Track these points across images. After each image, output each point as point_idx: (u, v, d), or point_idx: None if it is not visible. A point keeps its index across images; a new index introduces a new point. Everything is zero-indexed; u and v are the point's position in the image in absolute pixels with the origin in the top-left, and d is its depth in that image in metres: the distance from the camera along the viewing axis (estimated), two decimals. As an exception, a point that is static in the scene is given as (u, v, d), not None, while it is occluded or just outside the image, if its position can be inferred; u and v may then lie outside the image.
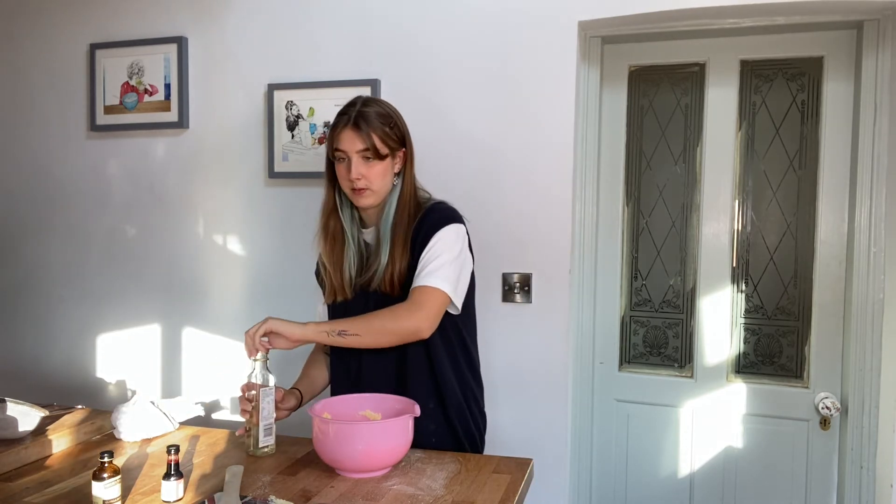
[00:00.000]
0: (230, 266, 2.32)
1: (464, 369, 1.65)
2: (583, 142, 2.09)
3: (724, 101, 2.07)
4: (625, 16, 1.93)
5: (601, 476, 2.22)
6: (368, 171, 1.56)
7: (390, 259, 1.57)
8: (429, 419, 1.56)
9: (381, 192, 1.60)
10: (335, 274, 1.65)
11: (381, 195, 1.60)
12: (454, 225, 1.59)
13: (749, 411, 2.09)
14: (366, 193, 1.58)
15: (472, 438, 1.65)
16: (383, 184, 1.59)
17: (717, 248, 2.10)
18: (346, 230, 1.65)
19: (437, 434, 1.60)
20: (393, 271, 1.57)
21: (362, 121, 1.55)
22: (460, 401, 1.62)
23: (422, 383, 1.59)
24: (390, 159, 1.59)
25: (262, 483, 1.37)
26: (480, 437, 1.70)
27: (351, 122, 1.55)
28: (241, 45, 2.27)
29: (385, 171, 1.58)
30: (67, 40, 2.45)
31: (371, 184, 1.57)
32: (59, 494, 1.34)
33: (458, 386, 1.63)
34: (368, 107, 1.58)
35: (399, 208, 1.60)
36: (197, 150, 2.34)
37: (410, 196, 1.62)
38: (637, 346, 2.20)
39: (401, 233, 1.58)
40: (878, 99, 1.88)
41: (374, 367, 1.61)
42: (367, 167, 1.56)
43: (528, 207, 2.02)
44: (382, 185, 1.59)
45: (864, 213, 1.91)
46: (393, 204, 1.60)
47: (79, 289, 2.49)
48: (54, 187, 2.50)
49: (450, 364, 1.61)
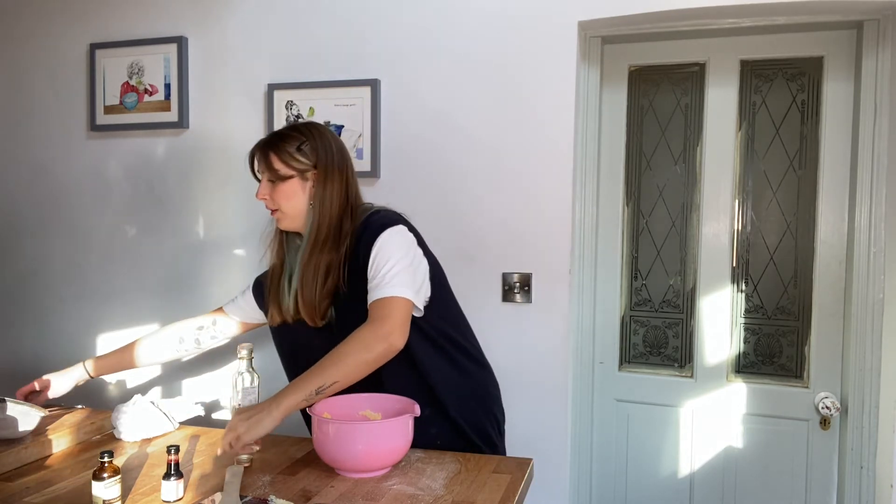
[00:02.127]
0: (230, 266, 2.32)
1: (460, 364, 1.59)
2: (583, 142, 2.09)
3: (724, 101, 2.07)
4: (625, 16, 1.93)
5: (601, 476, 2.22)
6: (272, 192, 1.55)
7: (299, 286, 1.51)
8: (429, 423, 1.53)
9: (293, 214, 1.56)
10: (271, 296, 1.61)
11: (297, 217, 1.56)
12: (392, 228, 1.51)
13: (749, 411, 2.09)
14: (277, 215, 1.58)
15: (483, 433, 1.60)
16: (292, 205, 1.55)
17: (717, 248, 2.10)
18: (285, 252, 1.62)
19: (441, 437, 1.56)
20: (302, 302, 1.51)
21: (266, 143, 1.57)
22: (462, 397, 1.58)
23: (410, 392, 1.50)
24: (298, 181, 1.54)
25: (262, 483, 1.37)
26: (498, 429, 1.65)
27: (258, 143, 1.58)
28: (241, 45, 2.27)
29: (291, 194, 1.54)
30: (67, 40, 2.46)
31: (279, 205, 1.55)
32: (59, 494, 1.34)
33: (455, 383, 1.58)
34: (283, 129, 1.59)
35: (310, 232, 1.53)
36: (197, 150, 2.34)
37: (330, 220, 1.53)
38: (637, 345, 2.20)
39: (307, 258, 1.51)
40: (878, 99, 1.88)
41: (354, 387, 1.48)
42: (270, 189, 1.55)
43: (528, 207, 2.02)
44: (291, 206, 1.55)
45: (864, 213, 1.91)
46: (308, 229, 1.54)
47: (79, 288, 2.49)
48: (54, 187, 2.51)
49: (438, 364, 1.56)
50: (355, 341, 1.40)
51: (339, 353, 1.39)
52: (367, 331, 1.40)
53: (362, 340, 1.39)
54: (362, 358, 1.38)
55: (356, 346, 1.39)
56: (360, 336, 1.40)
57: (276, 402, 1.35)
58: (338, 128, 2.16)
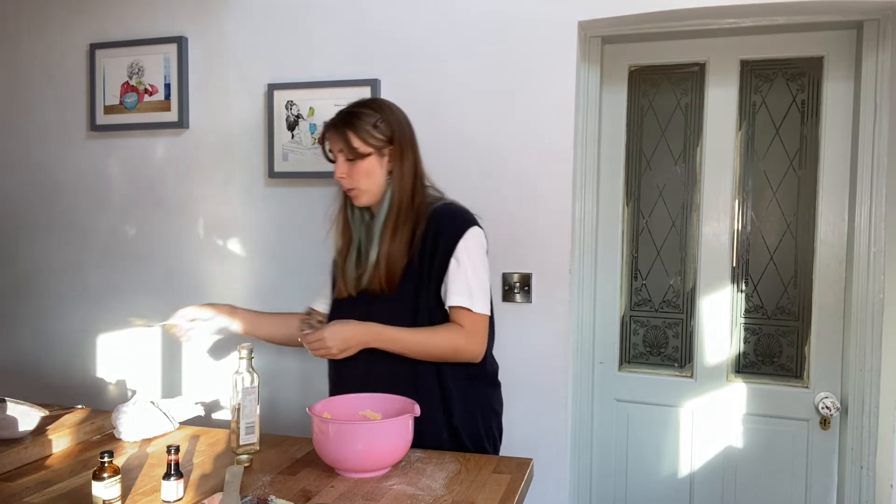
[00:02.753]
0: (230, 266, 2.32)
1: (478, 379, 1.64)
2: (583, 142, 2.09)
3: (724, 101, 2.07)
4: (625, 16, 1.93)
5: (601, 476, 2.22)
6: (351, 170, 1.57)
7: (379, 258, 1.57)
8: (433, 426, 1.56)
9: (372, 191, 1.59)
10: (340, 271, 1.66)
11: (375, 193, 1.59)
12: (473, 230, 1.60)
13: (749, 411, 2.09)
14: (355, 193, 1.59)
15: (479, 446, 1.63)
16: (371, 182, 1.58)
17: (717, 248, 2.10)
18: (353, 229, 1.66)
19: (441, 440, 1.58)
20: (383, 270, 1.56)
21: (341, 121, 1.57)
22: (469, 410, 1.61)
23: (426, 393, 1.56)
24: (376, 157, 1.57)
25: (262, 483, 1.37)
26: (494, 445, 1.68)
27: (332, 122, 1.58)
28: (241, 45, 2.27)
29: (370, 171, 1.57)
30: (67, 40, 2.45)
31: (357, 183, 1.57)
32: (59, 494, 1.34)
33: (465, 394, 1.61)
34: (356, 107, 1.59)
35: (391, 206, 1.58)
36: (197, 150, 2.34)
37: (406, 194, 1.59)
38: (637, 345, 2.20)
39: (391, 230, 1.57)
40: (878, 99, 1.88)
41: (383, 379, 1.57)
42: (349, 167, 1.57)
43: (529, 207, 2.02)
44: (370, 183, 1.58)
45: (864, 213, 1.91)
46: (386, 202, 1.59)
47: (79, 289, 2.49)
48: (54, 187, 2.51)
49: (459, 374, 1.60)
50: (449, 339, 1.54)
51: (432, 338, 1.53)
52: (464, 340, 1.55)
53: (455, 345, 1.54)
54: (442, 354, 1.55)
55: (447, 344, 1.54)
56: (455, 340, 1.54)
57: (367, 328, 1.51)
58: (338, 128, 2.16)
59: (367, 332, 1.52)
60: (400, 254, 1.56)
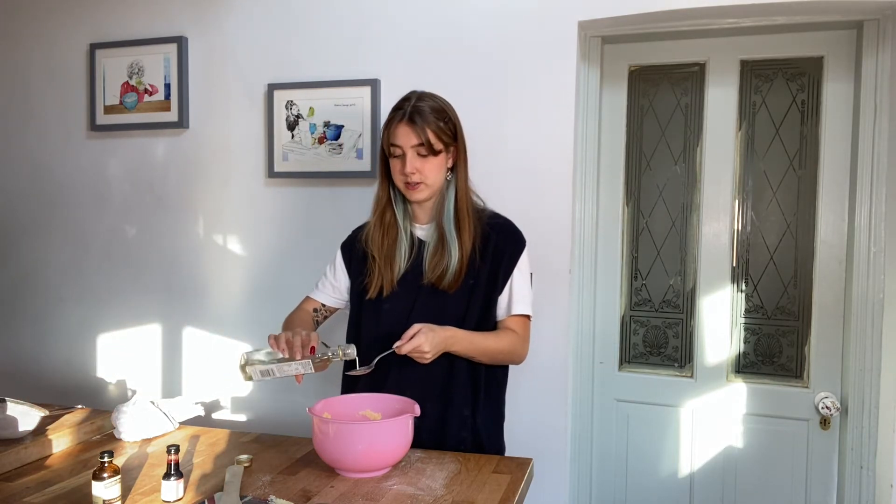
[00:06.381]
0: (230, 266, 2.32)
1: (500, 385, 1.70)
2: (583, 142, 2.09)
3: (724, 101, 2.07)
4: (625, 16, 1.93)
5: (601, 476, 2.22)
6: (423, 165, 1.57)
7: (460, 255, 1.59)
8: (461, 427, 1.59)
9: (434, 187, 1.61)
10: (386, 267, 1.64)
11: (435, 190, 1.62)
12: (525, 243, 1.68)
13: (749, 411, 2.09)
14: (420, 188, 1.59)
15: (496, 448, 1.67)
16: (437, 178, 1.60)
17: (717, 248, 2.10)
18: (399, 224, 1.66)
19: (465, 441, 1.61)
20: (462, 267, 1.59)
21: (417, 115, 1.56)
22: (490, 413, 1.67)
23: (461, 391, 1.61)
24: (444, 154, 1.60)
25: (262, 483, 1.37)
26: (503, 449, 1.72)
27: (406, 116, 1.56)
28: (241, 45, 2.27)
29: (439, 166, 1.60)
30: (67, 40, 2.45)
31: (426, 178, 1.58)
32: (59, 494, 1.34)
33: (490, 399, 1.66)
34: (423, 101, 1.58)
35: (458, 204, 1.62)
36: (197, 150, 2.34)
37: (465, 192, 1.63)
38: (637, 345, 2.20)
39: (459, 229, 1.60)
40: (878, 99, 1.88)
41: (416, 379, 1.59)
42: (422, 162, 1.57)
43: (528, 207, 2.02)
44: (436, 179, 1.60)
45: (864, 213, 1.91)
46: (451, 200, 1.62)
47: (78, 289, 2.49)
48: (54, 187, 2.51)
49: (489, 378, 1.65)
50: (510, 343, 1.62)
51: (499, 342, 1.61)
52: (521, 344, 1.65)
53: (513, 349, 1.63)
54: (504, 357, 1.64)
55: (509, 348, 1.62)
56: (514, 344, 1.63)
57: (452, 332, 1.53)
58: (338, 128, 2.16)
59: (453, 335, 1.53)
60: (469, 251, 1.60)
